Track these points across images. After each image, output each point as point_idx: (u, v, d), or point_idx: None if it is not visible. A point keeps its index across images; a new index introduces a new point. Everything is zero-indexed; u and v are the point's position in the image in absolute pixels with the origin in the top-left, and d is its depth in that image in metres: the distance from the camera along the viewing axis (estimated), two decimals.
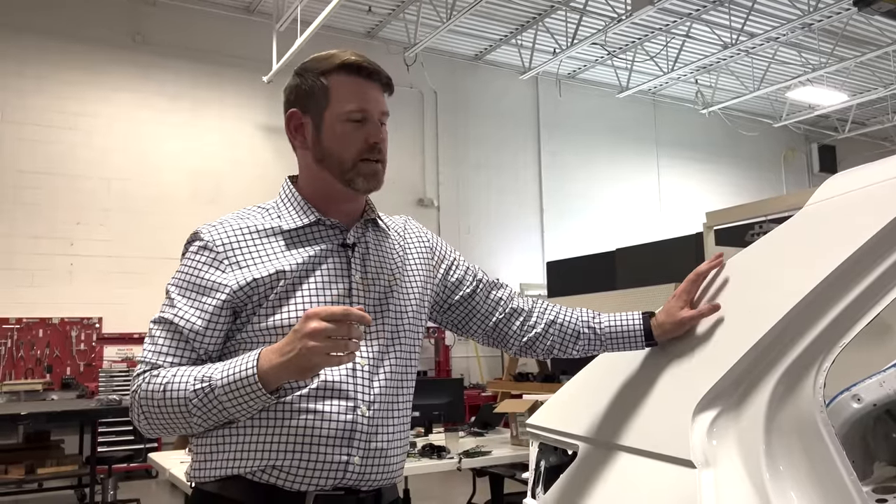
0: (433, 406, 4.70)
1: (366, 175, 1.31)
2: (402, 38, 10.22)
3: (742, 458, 1.18)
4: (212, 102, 9.18)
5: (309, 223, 1.32)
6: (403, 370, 1.34)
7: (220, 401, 1.14)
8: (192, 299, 1.24)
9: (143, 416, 1.20)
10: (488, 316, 1.49)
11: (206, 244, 1.27)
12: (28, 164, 8.25)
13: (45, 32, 8.42)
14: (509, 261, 11.22)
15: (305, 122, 1.32)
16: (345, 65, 1.30)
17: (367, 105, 1.30)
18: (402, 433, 1.32)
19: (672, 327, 1.40)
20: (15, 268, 8.05)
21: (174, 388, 1.16)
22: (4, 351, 8.01)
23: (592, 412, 1.52)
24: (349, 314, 1.07)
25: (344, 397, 1.24)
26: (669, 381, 1.35)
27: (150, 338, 1.24)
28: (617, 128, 12.56)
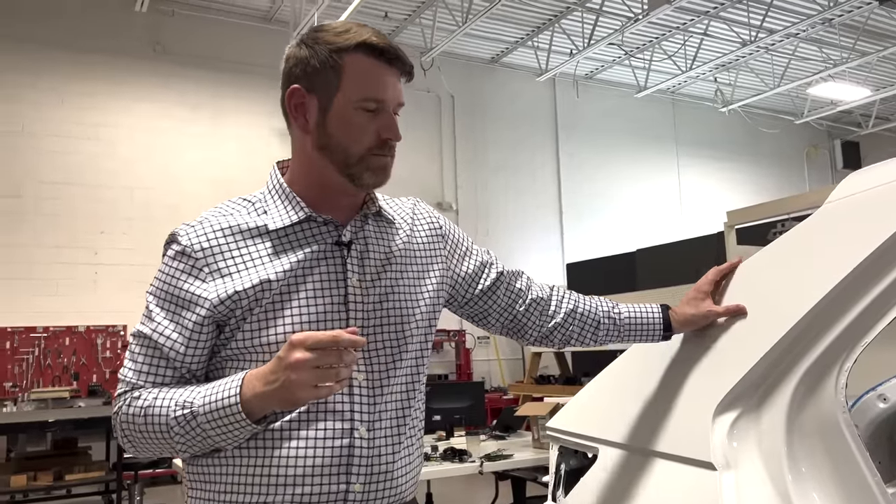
0: (454, 410, 4.70)
1: (374, 169, 1.16)
2: (418, 43, 10.25)
3: (763, 459, 1.17)
4: (231, 111, 9.27)
5: (298, 220, 1.16)
6: (411, 379, 1.21)
7: (203, 428, 1.04)
8: (171, 312, 1.12)
9: (126, 439, 1.11)
10: (508, 308, 1.38)
11: (184, 249, 1.13)
12: (48, 175, 8.36)
13: (65, 44, 8.55)
14: (529, 262, 11.19)
15: (309, 101, 1.16)
16: (365, 45, 1.13)
17: (384, 94, 1.14)
18: (410, 450, 1.20)
19: (691, 319, 1.37)
20: (38, 277, 8.16)
21: (155, 412, 1.07)
22: (32, 359, 8.14)
23: (611, 415, 1.51)
24: (338, 340, 0.95)
25: (339, 419, 1.11)
26: (689, 382, 1.34)
27: (130, 353, 1.14)
28: (635, 128, 12.49)
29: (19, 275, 8.07)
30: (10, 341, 8.04)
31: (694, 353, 1.37)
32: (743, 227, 5.88)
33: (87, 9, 8.70)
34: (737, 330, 1.30)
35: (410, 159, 10.10)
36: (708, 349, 1.34)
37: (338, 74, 1.13)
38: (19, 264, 8.08)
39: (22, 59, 8.35)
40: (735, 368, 1.24)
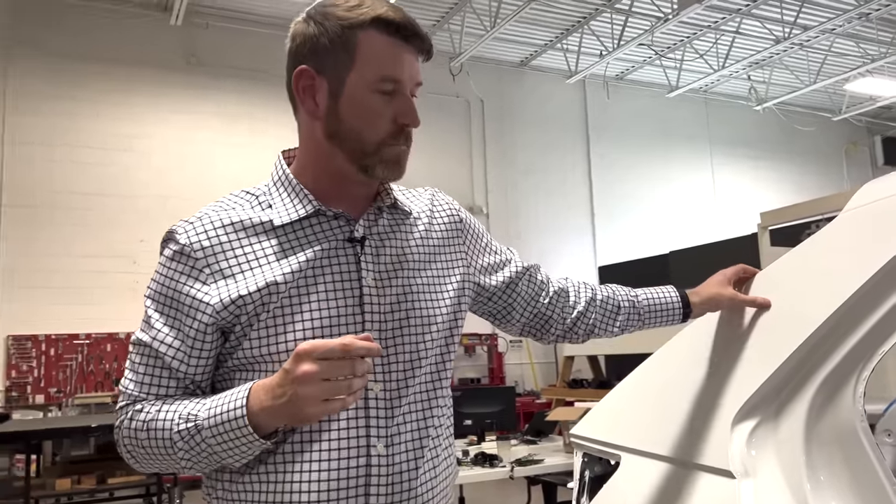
0: (485, 414, 4.73)
1: (388, 161, 1.06)
2: (447, 48, 10.30)
3: (782, 468, 1.17)
4: (265, 120, 9.40)
5: (306, 215, 1.07)
6: (433, 386, 1.11)
7: (209, 443, 0.95)
8: (171, 318, 1.03)
9: (129, 454, 1.03)
10: (532, 301, 1.30)
11: (183, 248, 1.04)
12: (83, 186, 8.58)
13: (100, 57, 8.78)
14: (560, 265, 11.15)
15: (319, 83, 1.05)
16: (380, 20, 1.03)
17: (401, 73, 1.04)
18: (435, 462, 1.10)
19: (715, 297, 1.33)
20: (79, 286, 8.37)
21: (158, 426, 0.98)
22: (75, 365, 8.38)
23: (633, 422, 1.52)
24: (349, 348, 0.86)
25: (354, 436, 1.01)
26: (709, 389, 1.34)
27: (131, 363, 1.05)
28: (668, 128, 12.38)
29: (61, 284, 8.30)
30: (54, 348, 8.29)
31: (714, 360, 1.38)
32: (777, 227, 5.80)
33: (123, 22, 8.93)
34: (756, 338, 1.31)
35: (440, 163, 10.16)
36: (728, 356, 1.35)
37: (350, 53, 1.03)
38: (60, 273, 8.32)
39: (58, 72, 8.60)
40: (754, 377, 1.25)
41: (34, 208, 8.32)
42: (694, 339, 1.45)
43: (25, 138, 8.36)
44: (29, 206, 8.29)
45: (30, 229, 8.25)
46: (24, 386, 8.19)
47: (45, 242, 8.31)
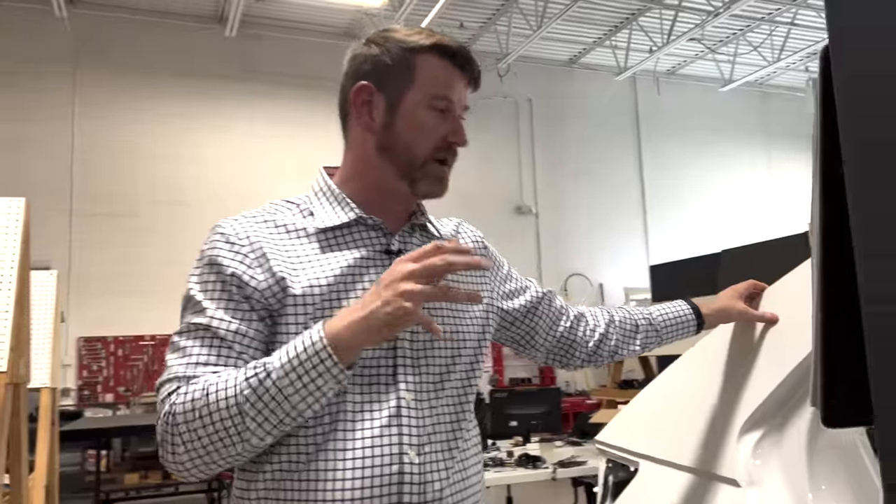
0: (531, 416, 4.79)
1: (432, 178, 1.12)
2: (494, 50, 10.35)
3: (786, 477, 1.21)
4: (316, 126, 9.64)
5: (348, 221, 1.11)
6: (460, 400, 1.15)
7: (280, 386, 0.92)
8: (225, 300, 1.03)
9: (181, 440, 0.96)
10: (554, 326, 1.33)
11: (229, 235, 1.07)
12: (146, 194, 8.98)
13: (160, 68, 9.17)
14: (612, 265, 11.08)
15: (377, 99, 1.12)
16: (439, 46, 1.11)
17: (453, 94, 1.12)
18: (464, 473, 1.12)
19: (725, 309, 1.37)
20: (142, 290, 8.73)
21: (221, 386, 0.94)
22: (141, 366, 8.78)
23: (650, 431, 1.58)
24: (445, 255, 0.92)
25: (388, 443, 1.03)
26: (719, 400, 1.39)
27: (178, 351, 1.02)
28: (721, 122, 12.14)
29: (127, 288, 8.70)
30: (122, 349, 8.71)
31: (725, 372, 1.43)
32: None
33: (181, 35, 9.30)
34: (764, 351, 1.35)
35: (489, 164, 10.22)
36: (738, 369, 1.39)
37: (410, 72, 1.10)
38: (126, 278, 8.72)
39: (122, 85, 9.02)
40: (760, 389, 1.29)
41: (101, 215, 8.74)
42: (707, 351, 1.50)
43: (93, 147, 8.80)
44: (97, 214, 8.73)
45: (98, 235, 8.68)
46: (95, 385, 8.63)
47: (112, 248, 8.73)
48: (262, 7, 9.20)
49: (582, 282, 10.90)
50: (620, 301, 10.85)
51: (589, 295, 10.92)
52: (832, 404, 0.57)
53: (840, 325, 0.57)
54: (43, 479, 3.11)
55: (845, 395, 0.57)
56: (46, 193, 8.39)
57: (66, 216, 8.56)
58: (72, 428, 5.94)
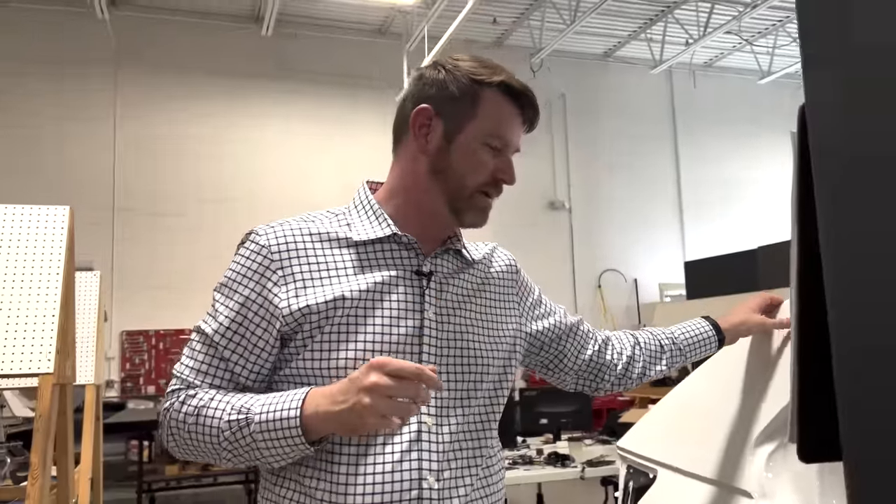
0: (561, 414, 4.81)
1: (477, 209, 1.15)
2: (527, 44, 10.32)
3: (797, 491, 1.24)
4: (351, 123, 9.77)
5: (383, 237, 1.12)
6: (482, 426, 1.15)
7: (254, 438, 0.99)
8: (238, 313, 1.08)
9: (173, 437, 1.06)
10: (582, 350, 1.34)
11: (262, 247, 1.09)
12: (186, 191, 9.20)
13: (198, 68, 9.36)
14: (647, 260, 11.00)
15: (435, 123, 1.13)
16: (506, 85, 1.13)
17: (511, 136, 1.15)
18: (485, 488, 1.13)
19: (744, 322, 1.40)
20: (182, 285, 8.95)
21: (209, 413, 1.02)
22: None
23: (668, 439, 1.60)
24: (421, 375, 0.91)
25: (406, 468, 1.04)
26: (735, 412, 1.41)
27: (190, 350, 1.10)
28: (760, 115, 11.92)
29: (167, 283, 8.94)
30: (163, 343, 8.95)
31: (742, 384, 1.45)
32: None
33: (217, 34, 9.47)
34: (781, 364, 1.37)
35: (521, 159, 9.97)
36: (754, 381, 1.41)
37: (475, 105, 1.12)
38: (167, 273, 8.96)
39: (162, 84, 9.24)
40: (775, 402, 1.31)
41: (143, 213, 8.99)
42: (725, 362, 1.52)
43: (134, 146, 9.04)
44: (139, 210, 8.97)
45: (139, 232, 8.93)
46: (137, 378, 8.89)
47: (153, 245, 8.97)
48: (298, 6, 9.32)
49: (616, 277, 10.85)
50: (655, 297, 10.77)
51: (623, 291, 10.86)
52: (807, 440, 0.60)
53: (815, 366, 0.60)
54: (88, 472, 3.25)
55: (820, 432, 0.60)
56: (91, 191, 8.66)
57: (108, 213, 8.82)
58: (116, 420, 6.15)
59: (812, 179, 0.56)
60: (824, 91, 0.54)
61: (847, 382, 0.52)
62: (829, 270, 0.54)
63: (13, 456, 3.52)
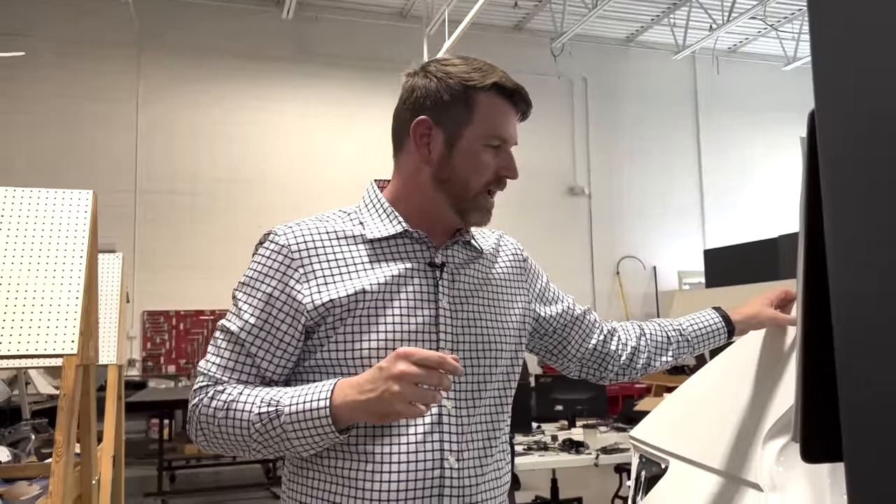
0: (576, 401, 4.83)
1: (482, 210, 1.19)
2: (548, 28, 10.24)
3: (809, 485, 1.24)
4: (371, 107, 9.77)
5: (395, 234, 1.17)
6: (496, 410, 1.20)
7: (285, 429, 1.03)
8: (262, 311, 1.12)
9: (202, 433, 1.10)
10: (586, 338, 1.37)
11: (282, 247, 1.13)
12: (207, 173, 9.28)
13: (219, 50, 9.41)
14: (666, 247, 10.94)
15: (435, 133, 1.16)
16: (499, 86, 1.16)
17: (508, 133, 1.17)
18: (497, 474, 1.19)
19: (756, 315, 1.40)
20: (203, 266, 9.08)
21: (238, 407, 1.06)
22: (202, 339, 9.13)
23: (680, 430, 1.61)
24: (444, 363, 0.96)
25: (429, 449, 1.10)
26: (747, 405, 1.42)
27: (216, 348, 1.13)
28: (784, 102, 11.74)
29: (188, 264, 9.05)
30: (183, 323, 9.07)
31: (755, 377, 1.45)
32: None
33: (240, 17, 9.50)
34: (794, 357, 1.37)
35: (541, 145, 10.16)
36: (767, 375, 1.41)
37: (470, 110, 1.15)
38: (188, 254, 9.06)
39: (183, 67, 9.30)
40: (787, 396, 1.32)
41: (164, 193, 9.08)
42: (738, 355, 1.52)
43: (156, 129, 9.12)
44: (160, 192, 9.07)
45: (161, 213, 9.03)
46: (158, 357, 9.03)
47: (174, 225, 9.07)
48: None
49: (635, 264, 10.80)
50: (674, 285, 10.71)
51: (642, 278, 10.81)
52: (811, 440, 0.61)
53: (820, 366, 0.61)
54: (111, 450, 3.32)
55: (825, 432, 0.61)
56: (113, 173, 8.76)
57: (131, 195, 8.92)
58: (137, 399, 6.26)
59: (820, 183, 0.57)
60: (833, 97, 0.55)
61: (849, 383, 0.53)
62: (834, 272, 0.54)
63: (37, 433, 3.61)
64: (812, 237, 0.61)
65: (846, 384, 0.53)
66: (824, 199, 0.56)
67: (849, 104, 0.53)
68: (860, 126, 0.51)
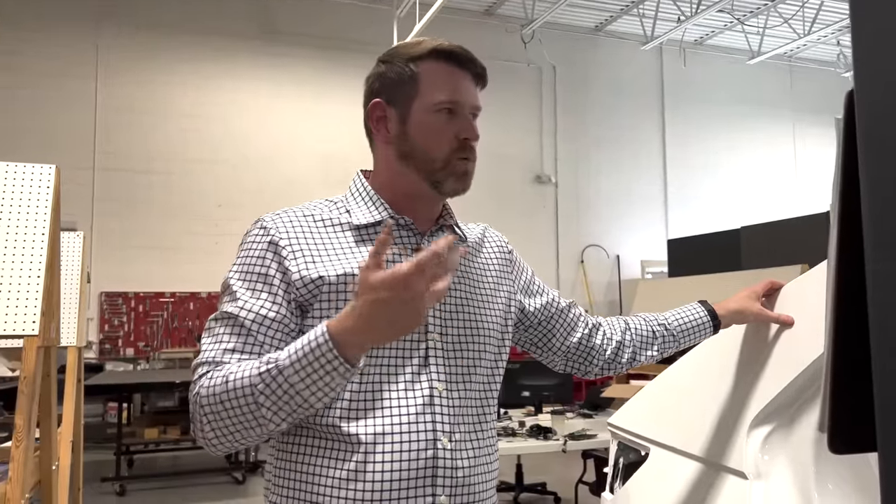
0: (543, 387, 4.85)
1: (457, 175, 1.16)
2: (519, 15, 10.21)
3: (793, 474, 1.25)
4: (339, 88, 9.63)
5: (381, 219, 1.18)
6: (485, 395, 1.21)
7: (290, 382, 0.96)
8: (258, 290, 1.10)
9: (207, 419, 1.03)
10: (571, 332, 1.37)
11: (269, 230, 1.14)
12: (168, 151, 9.06)
13: (181, 28, 9.16)
14: (630, 236, 11.06)
15: (389, 113, 1.18)
16: (437, 51, 1.16)
17: (458, 96, 1.16)
18: (488, 458, 1.20)
19: (742, 311, 1.39)
20: (163, 247, 8.90)
21: (237, 376, 1.00)
22: (161, 322, 8.95)
23: (662, 418, 1.61)
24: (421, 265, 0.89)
25: (423, 430, 1.10)
26: (731, 394, 1.42)
27: (211, 336, 1.09)
28: (748, 96, 11.95)
29: (148, 244, 8.85)
30: (142, 305, 8.87)
31: (738, 366, 1.45)
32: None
33: None
34: (778, 349, 1.37)
35: (509, 132, 10.16)
36: (751, 364, 1.42)
37: (415, 82, 1.16)
38: (148, 234, 8.86)
39: (143, 44, 9.03)
40: (772, 386, 1.32)
41: (124, 172, 8.84)
42: (722, 344, 1.52)
43: (116, 106, 8.86)
44: (120, 170, 8.82)
45: (120, 192, 8.79)
46: (116, 339, 8.82)
47: (134, 205, 8.84)
48: None
49: (599, 253, 10.90)
50: (637, 273, 10.85)
51: (605, 267, 10.93)
52: (840, 432, 0.60)
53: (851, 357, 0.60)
54: (70, 435, 3.22)
55: (853, 423, 0.59)
56: (70, 149, 8.49)
57: (89, 172, 8.67)
58: (94, 382, 6.10)
59: (856, 168, 0.55)
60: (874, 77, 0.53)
61: (886, 373, 0.51)
62: (872, 259, 0.52)
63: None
64: (847, 223, 0.59)
65: (882, 375, 0.52)
66: (863, 184, 0.54)
67: (893, 83, 0.51)
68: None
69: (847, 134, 0.58)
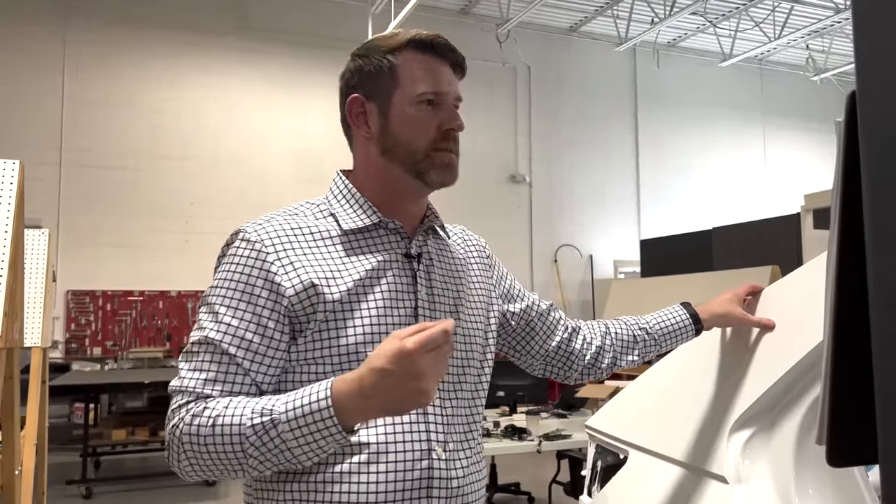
0: (518, 387, 4.84)
1: (440, 166, 1.13)
2: (494, 14, 10.20)
3: (773, 478, 1.24)
4: (313, 85, 9.53)
5: (371, 224, 1.14)
6: (473, 397, 1.19)
7: (284, 439, 0.93)
8: (244, 310, 1.04)
9: (185, 456, 0.99)
10: (550, 336, 1.35)
11: (255, 242, 1.07)
12: (137, 147, 8.89)
13: (151, 22, 8.99)
14: (603, 237, 11.13)
15: (369, 108, 1.14)
16: (415, 41, 1.13)
17: (440, 86, 1.13)
18: (478, 465, 1.18)
19: (724, 315, 1.37)
20: (131, 245, 8.73)
21: (226, 422, 0.95)
22: (130, 321, 8.78)
23: (642, 421, 1.60)
24: (449, 332, 0.89)
25: (417, 440, 1.07)
26: (713, 397, 1.41)
27: (192, 362, 1.03)
28: (719, 98, 12.09)
29: (116, 242, 8.67)
30: (110, 304, 8.70)
31: (719, 370, 1.45)
32: (823, 209, 5.70)
33: None
34: (759, 353, 1.37)
35: (484, 132, 10.15)
36: (732, 368, 1.41)
37: (394, 74, 1.12)
38: (116, 232, 8.68)
39: (113, 38, 8.85)
40: (752, 390, 1.31)
41: (93, 168, 8.65)
42: (702, 347, 1.52)
43: (83, 101, 8.66)
44: (88, 166, 8.63)
45: (88, 188, 8.60)
46: (83, 339, 8.64)
47: (102, 201, 8.66)
48: None
49: (572, 252, 10.95)
50: (610, 273, 10.92)
51: (578, 266, 10.98)
52: (838, 445, 0.58)
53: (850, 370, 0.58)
54: (34, 438, 3.13)
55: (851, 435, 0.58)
56: (35, 145, 8.29)
57: (55, 168, 8.47)
58: (60, 382, 5.96)
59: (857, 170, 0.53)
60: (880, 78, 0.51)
61: (889, 382, 0.50)
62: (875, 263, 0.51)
63: None
64: (847, 225, 0.58)
65: (884, 377, 0.50)
66: (864, 185, 0.52)
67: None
68: None
69: (848, 136, 0.56)
